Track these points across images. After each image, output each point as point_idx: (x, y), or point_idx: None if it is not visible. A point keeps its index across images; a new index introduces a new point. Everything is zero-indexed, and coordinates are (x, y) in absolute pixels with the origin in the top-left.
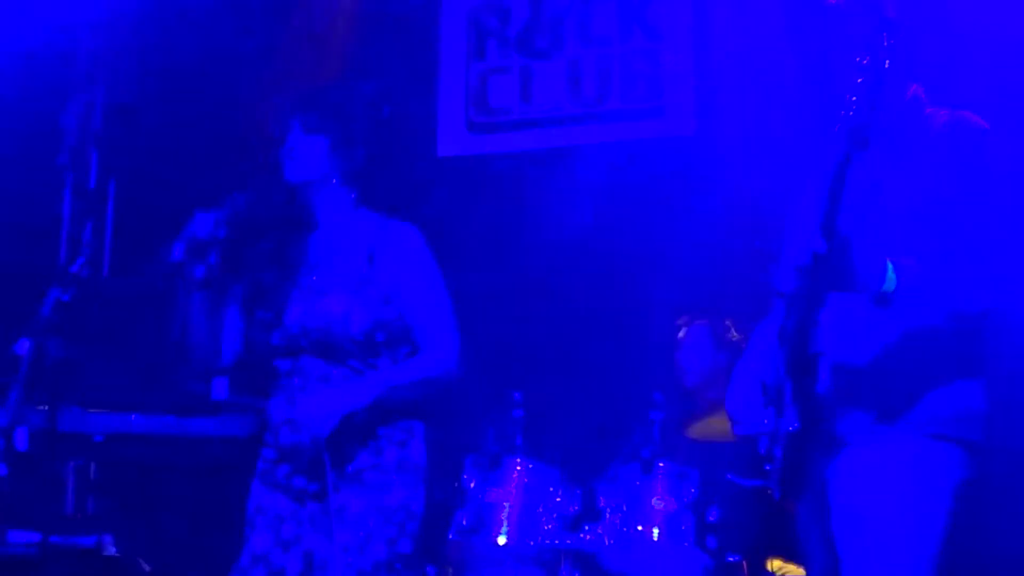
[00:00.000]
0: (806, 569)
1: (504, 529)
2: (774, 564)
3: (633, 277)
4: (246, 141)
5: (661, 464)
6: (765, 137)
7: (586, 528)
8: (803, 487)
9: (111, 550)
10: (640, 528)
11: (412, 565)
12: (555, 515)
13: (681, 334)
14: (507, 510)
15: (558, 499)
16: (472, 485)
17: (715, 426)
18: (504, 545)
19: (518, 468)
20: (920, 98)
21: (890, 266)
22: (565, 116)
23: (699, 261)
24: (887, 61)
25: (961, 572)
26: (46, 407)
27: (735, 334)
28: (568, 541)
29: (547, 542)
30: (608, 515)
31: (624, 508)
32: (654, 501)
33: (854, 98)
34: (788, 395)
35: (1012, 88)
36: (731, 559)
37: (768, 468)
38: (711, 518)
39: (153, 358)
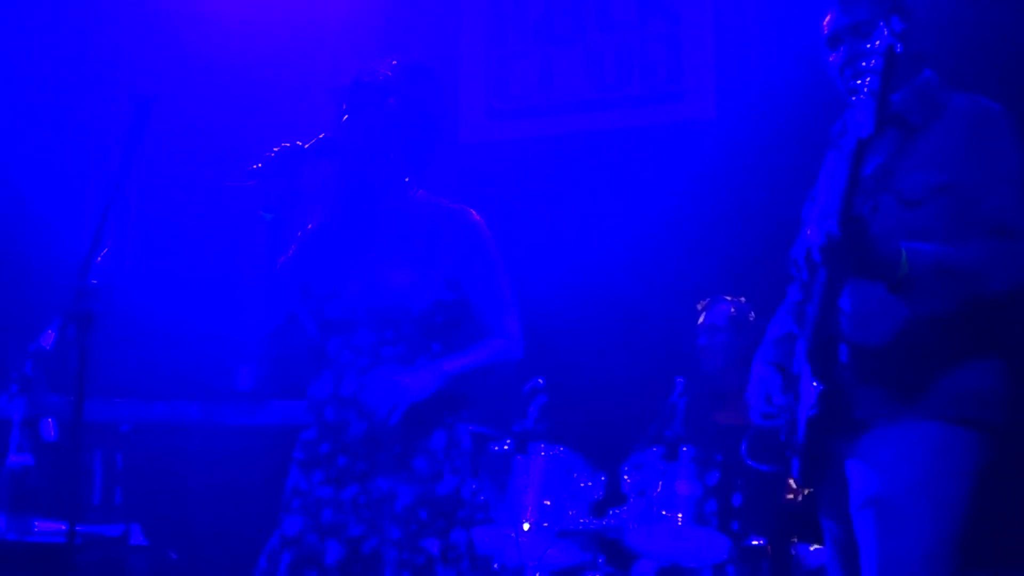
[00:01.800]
0: (827, 553)
1: (528, 515)
2: None
3: (654, 262)
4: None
5: (685, 449)
6: (784, 121)
7: (610, 513)
8: (823, 472)
9: (139, 539)
10: (664, 512)
11: (464, 555)
12: (579, 500)
13: (702, 318)
14: (531, 495)
15: (582, 484)
16: (496, 471)
17: (738, 410)
18: (528, 530)
19: (542, 453)
20: (933, 81)
21: (904, 250)
22: (585, 101)
23: (720, 245)
24: (898, 44)
25: (979, 555)
26: (73, 397)
27: (754, 317)
28: (593, 526)
29: (572, 527)
30: (632, 500)
31: (648, 493)
32: (678, 485)
33: (867, 80)
34: (807, 380)
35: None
36: (755, 542)
37: (788, 454)
38: (735, 502)
39: (180, 347)
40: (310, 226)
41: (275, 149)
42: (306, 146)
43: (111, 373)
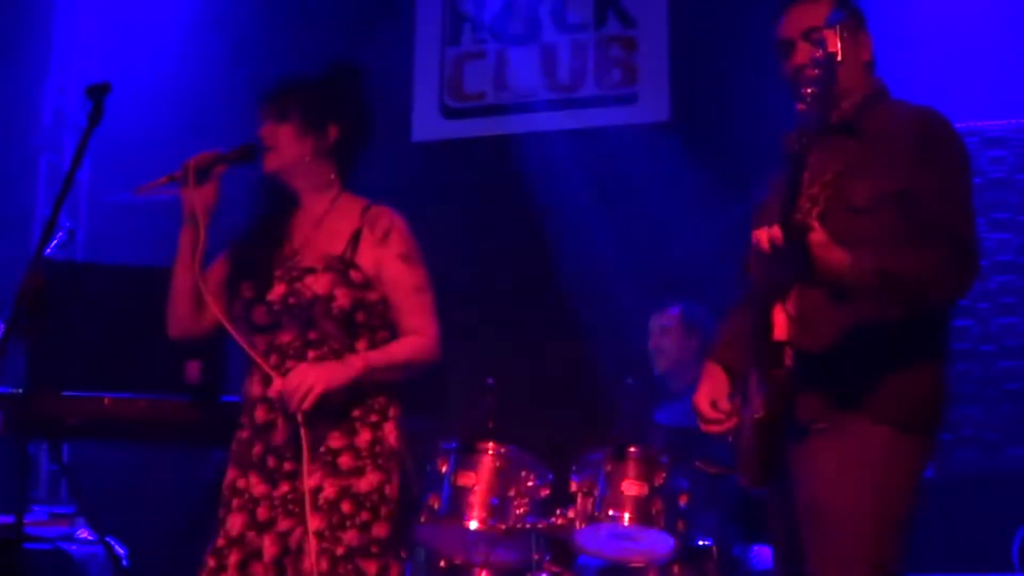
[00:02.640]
0: (774, 554)
1: (476, 513)
2: None
3: (606, 263)
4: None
5: (632, 449)
6: (739, 124)
7: (558, 512)
8: (770, 474)
9: (86, 533)
10: (611, 512)
11: (387, 549)
12: (527, 499)
13: (652, 320)
14: (479, 494)
15: (530, 483)
16: (445, 469)
17: (687, 412)
18: (476, 529)
19: (490, 452)
20: (882, 90)
21: (850, 256)
22: (539, 102)
23: (674, 247)
24: (840, 53)
25: (921, 559)
26: (20, 390)
27: (704, 319)
28: (540, 525)
29: (519, 526)
30: (580, 499)
31: (595, 492)
32: (625, 485)
33: (811, 90)
34: (754, 383)
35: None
36: (701, 543)
37: (736, 456)
38: (681, 502)
39: (128, 340)
40: (235, 230)
41: (195, 156)
42: (228, 153)
43: (59, 366)
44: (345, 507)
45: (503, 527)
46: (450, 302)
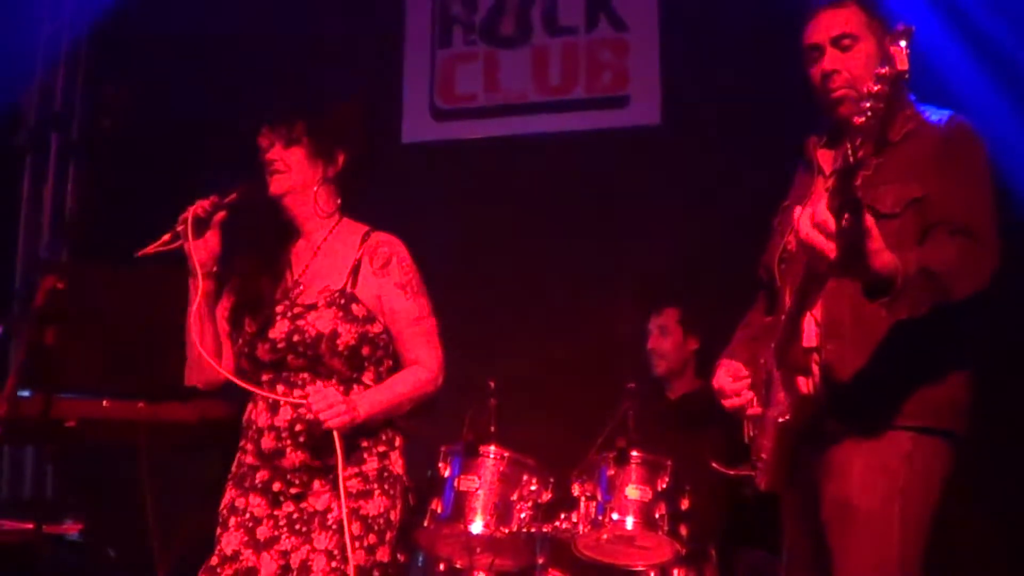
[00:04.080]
0: (782, 560)
1: (479, 517)
2: None
3: (603, 266)
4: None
5: (635, 453)
6: (731, 127)
7: (561, 516)
8: (789, 478)
9: (77, 536)
10: (614, 516)
11: (390, 573)
12: (530, 503)
13: (650, 321)
14: (482, 498)
15: (532, 487)
16: (447, 474)
17: (689, 414)
18: (479, 533)
19: (492, 456)
20: (909, 97)
21: (879, 258)
22: (530, 104)
23: (667, 251)
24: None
25: (946, 564)
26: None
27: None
28: (543, 529)
29: (522, 530)
30: (582, 503)
31: (598, 496)
32: (627, 490)
33: (872, 105)
34: (776, 385)
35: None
36: (702, 547)
37: (754, 457)
38: (684, 507)
39: (128, 344)
40: (240, 270)
41: (192, 207)
42: (226, 198)
43: (57, 368)
44: (354, 528)
45: (506, 531)
46: (444, 305)
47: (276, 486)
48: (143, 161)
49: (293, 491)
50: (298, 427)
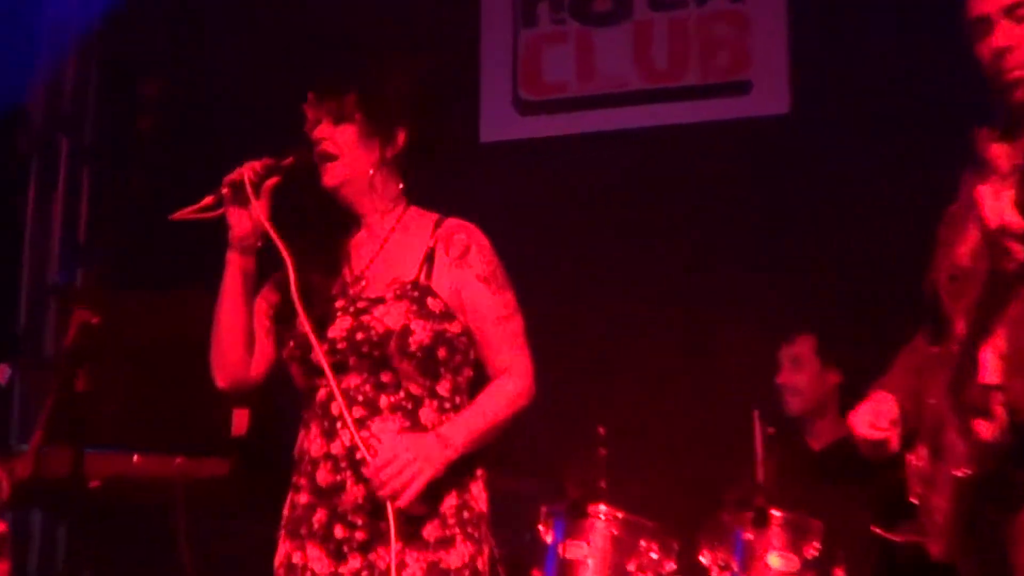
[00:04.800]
0: None
1: None
2: None
3: (722, 284)
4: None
5: (776, 513)
6: (870, 118)
7: None
8: (971, 544)
9: None
10: None
11: None
12: (650, 574)
13: (782, 349)
14: (592, 568)
15: (652, 555)
16: (549, 539)
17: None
18: None
19: (603, 518)
20: None
21: None
22: (632, 93)
23: (798, 265)
24: None
25: None
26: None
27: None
28: None
29: None
30: (715, 574)
31: (733, 566)
32: (769, 558)
33: None
34: (953, 430)
35: None
36: None
37: (924, 519)
38: None
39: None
40: (286, 256)
41: (242, 168)
42: (283, 161)
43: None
44: None
45: None
46: (539, 333)
47: (338, 532)
48: (181, 165)
49: (359, 537)
50: (359, 454)
